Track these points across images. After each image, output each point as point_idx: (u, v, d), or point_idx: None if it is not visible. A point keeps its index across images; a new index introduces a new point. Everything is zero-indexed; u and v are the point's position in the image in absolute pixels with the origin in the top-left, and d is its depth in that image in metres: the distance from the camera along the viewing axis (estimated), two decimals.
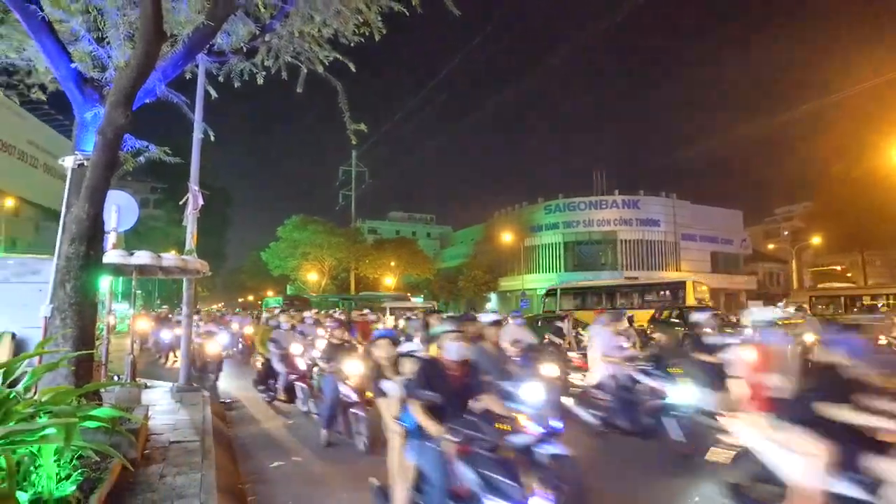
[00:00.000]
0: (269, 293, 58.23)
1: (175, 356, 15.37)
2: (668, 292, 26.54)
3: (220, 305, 52.02)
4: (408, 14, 6.61)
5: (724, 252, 48.91)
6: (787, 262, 50.39)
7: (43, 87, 6.76)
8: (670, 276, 39.26)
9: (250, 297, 67.06)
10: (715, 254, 48.30)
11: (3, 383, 3.72)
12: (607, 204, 46.48)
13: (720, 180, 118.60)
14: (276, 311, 15.47)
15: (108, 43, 5.76)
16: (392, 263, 44.73)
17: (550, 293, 30.98)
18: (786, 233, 55.12)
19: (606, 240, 46.17)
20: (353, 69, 7.25)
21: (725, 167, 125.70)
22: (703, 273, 46.64)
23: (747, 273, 50.78)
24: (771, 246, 53.53)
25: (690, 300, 23.94)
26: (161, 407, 7.60)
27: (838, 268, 46.57)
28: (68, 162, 5.77)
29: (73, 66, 5.48)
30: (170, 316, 18.65)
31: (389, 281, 45.84)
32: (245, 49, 6.77)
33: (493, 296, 50.13)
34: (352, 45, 6.89)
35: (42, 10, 5.08)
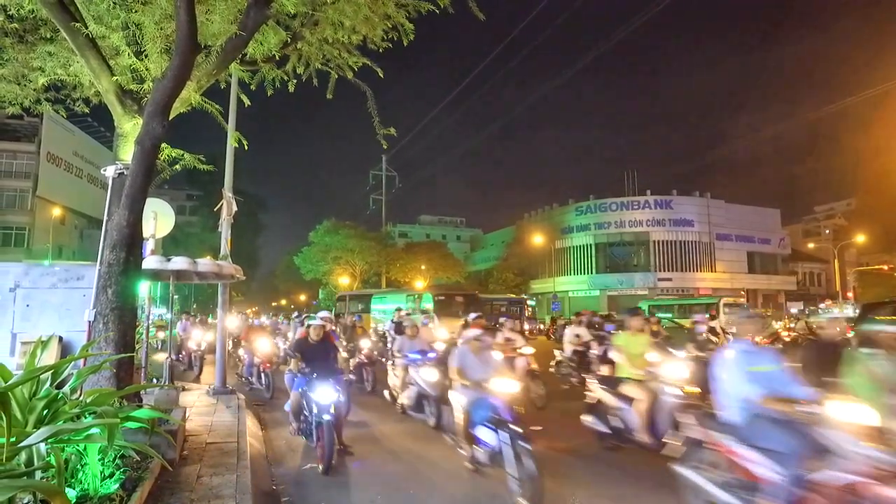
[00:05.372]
0: (303, 296, 58.69)
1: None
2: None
3: (254, 310, 52.96)
4: (438, 11, 6.61)
5: (761, 252, 47.50)
6: (828, 262, 48.56)
7: (86, 101, 7.04)
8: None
9: (283, 301, 68.01)
10: (752, 254, 46.94)
11: (51, 384, 3.87)
12: (639, 204, 45.69)
13: (756, 179, 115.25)
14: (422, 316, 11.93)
15: (146, 56, 5.97)
16: (422, 266, 44.86)
17: (341, 298, 35.37)
18: (827, 231, 53.24)
19: (639, 241, 45.39)
20: (381, 75, 7.31)
21: (762, 165, 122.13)
22: (740, 274, 45.43)
23: (786, 273, 49.17)
24: (811, 245, 51.70)
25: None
26: (198, 409, 7.80)
27: (885, 267, 44.61)
28: (109, 171, 5.97)
29: (113, 79, 5.70)
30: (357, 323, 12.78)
31: (420, 284, 45.98)
32: (276, 57, 6.91)
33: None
34: (381, 50, 6.96)
35: (87, 28, 5.30)
